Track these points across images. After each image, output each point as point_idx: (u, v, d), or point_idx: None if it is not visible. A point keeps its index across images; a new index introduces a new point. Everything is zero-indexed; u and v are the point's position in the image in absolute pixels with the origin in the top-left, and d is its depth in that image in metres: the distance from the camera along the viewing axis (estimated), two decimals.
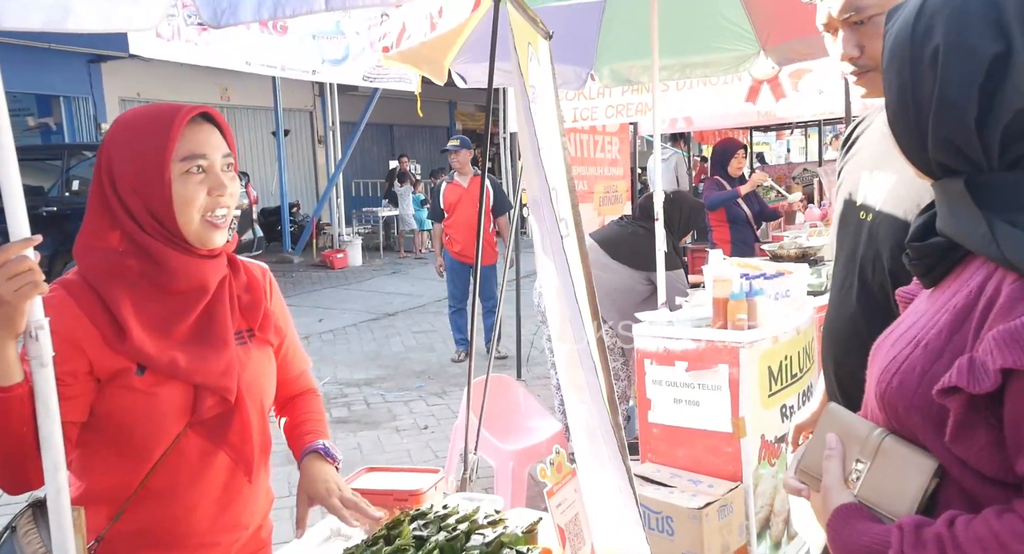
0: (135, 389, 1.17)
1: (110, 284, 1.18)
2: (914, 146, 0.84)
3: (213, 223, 1.22)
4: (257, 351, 1.32)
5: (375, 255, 12.36)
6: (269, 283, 1.41)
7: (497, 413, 3.86)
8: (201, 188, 1.20)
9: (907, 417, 0.81)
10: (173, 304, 1.21)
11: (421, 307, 8.47)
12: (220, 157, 1.23)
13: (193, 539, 1.24)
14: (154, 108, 1.23)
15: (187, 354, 1.20)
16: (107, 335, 1.15)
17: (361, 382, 5.64)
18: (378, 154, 16.45)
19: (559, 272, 1.46)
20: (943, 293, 0.85)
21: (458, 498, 1.61)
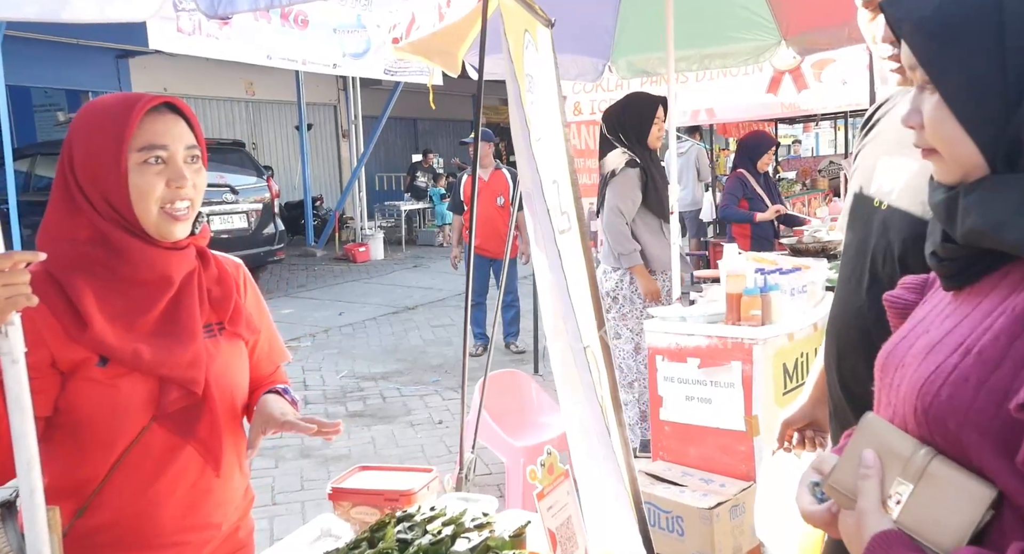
0: (97, 381, 1.15)
1: (72, 274, 1.16)
2: (987, 125, 0.73)
3: (172, 215, 1.20)
4: (227, 344, 1.29)
5: (397, 249, 12.39)
6: (244, 278, 1.39)
7: (509, 409, 3.82)
8: (159, 179, 1.18)
9: (959, 434, 0.72)
10: (137, 296, 1.19)
11: (441, 301, 8.47)
12: (183, 148, 1.20)
13: (160, 538, 1.21)
14: (117, 97, 1.22)
15: (152, 346, 1.17)
16: (68, 326, 1.14)
17: (378, 376, 5.64)
18: (401, 148, 16.48)
19: (551, 267, 1.41)
20: (985, 296, 0.77)
21: (451, 498, 1.57)
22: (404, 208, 13.02)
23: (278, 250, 8.91)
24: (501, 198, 6.08)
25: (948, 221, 0.78)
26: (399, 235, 12.81)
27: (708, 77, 4.84)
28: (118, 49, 11.25)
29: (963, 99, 0.75)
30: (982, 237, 0.75)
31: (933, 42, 0.75)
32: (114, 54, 11.33)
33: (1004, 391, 0.69)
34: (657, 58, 3.92)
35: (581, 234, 1.78)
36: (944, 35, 0.74)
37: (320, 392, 5.22)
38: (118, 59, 11.39)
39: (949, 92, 0.75)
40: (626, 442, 1.62)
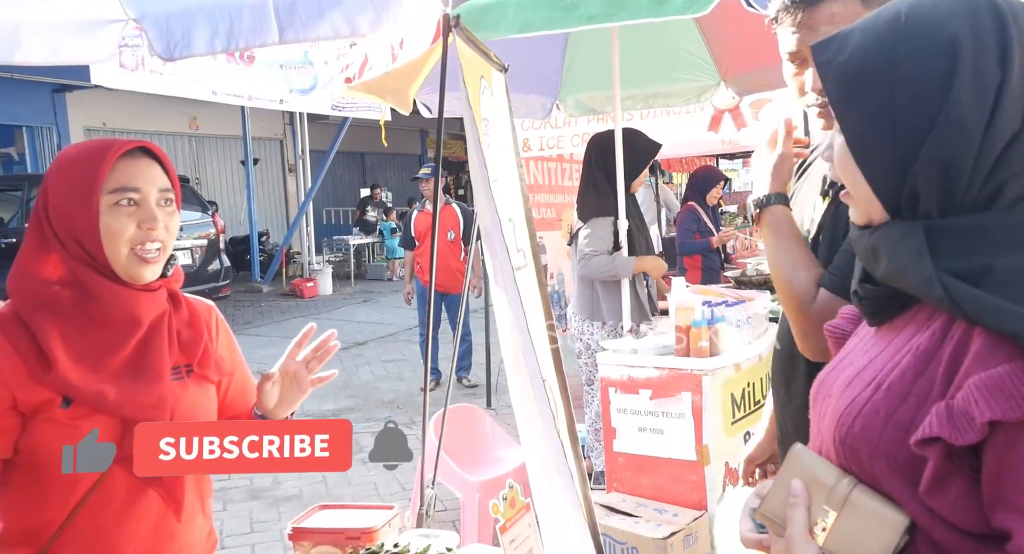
0: (59, 422, 1.14)
1: (39, 315, 1.16)
2: (886, 174, 0.78)
3: (142, 257, 1.20)
4: (195, 387, 1.29)
5: (345, 283, 12.26)
6: (216, 321, 1.40)
7: (464, 443, 3.81)
8: (130, 221, 1.19)
9: (871, 464, 0.77)
10: (106, 336, 1.18)
11: (392, 335, 8.40)
12: (155, 191, 1.22)
13: None
14: (94, 142, 1.23)
15: (117, 387, 1.17)
16: (32, 367, 1.13)
17: (329, 413, 5.55)
18: (349, 182, 16.43)
19: (511, 304, 1.45)
20: (898, 333, 0.82)
21: (413, 535, 1.57)
22: (353, 242, 12.94)
23: (223, 286, 8.74)
24: (451, 233, 6.12)
25: (871, 262, 0.82)
26: (348, 270, 12.69)
27: (652, 115, 5.02)
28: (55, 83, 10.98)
29: (859, 145, 0.79)
30: (894, 279, 0.78)
31: (840, 87, 0.79)
32: (50, 88, 11.05)
33: (908, 425, 0.74)
34: (603, 96, 4.06)
35: (536, 270, 1.83)
36: (850, 85, 0.78)
37: None
38: (55, 93, 11.10)
39: (849, 137, 0.80)
40: (583, 474, 1.66)
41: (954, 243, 0.74)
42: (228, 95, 7.51)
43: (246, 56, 7.31)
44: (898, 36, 0.76)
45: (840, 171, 0.83)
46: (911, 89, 0.75)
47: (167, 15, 1.82)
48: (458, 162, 17.46)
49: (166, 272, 1.27)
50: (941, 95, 0.73)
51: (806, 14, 1.30)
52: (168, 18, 1.82)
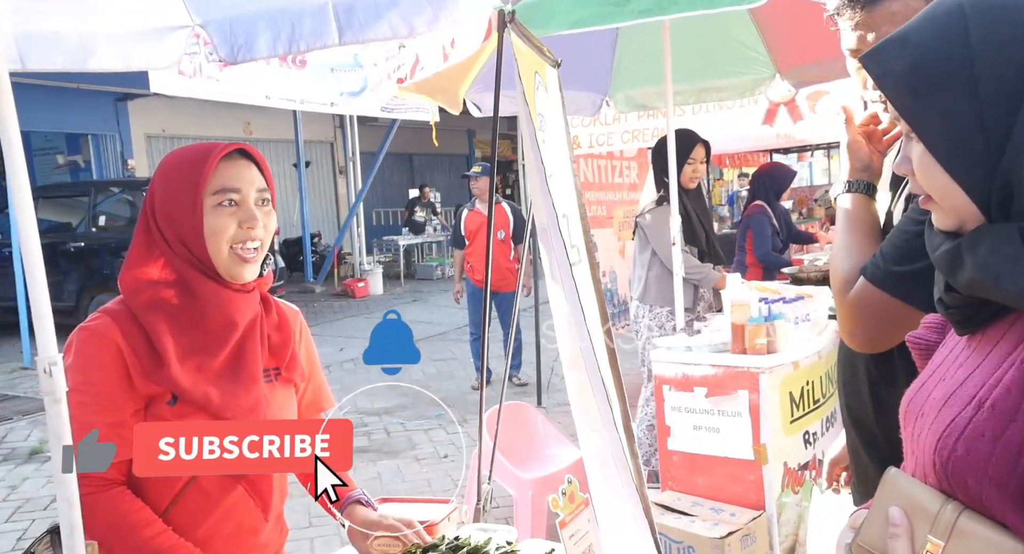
0: (163, 419, 1.19)
1: (151, 314, 1.21)
2: (976, 177, 0.73)
3: (242, 256, 1.25)
4: (282, 390, 1.34)
5: (395, 283, 12.42)
6: (300, 326, 1.45)
7: (516, 441, 3.83)
8: (232, 220, 1.24)
9: (979, 489, 0.71)
10: (207, 338, 1.23)
11: (441, 335, 8.48)
12: (254, 191, 1.26)
13: None
14: (196, 146, 1.28)
15: (219, 389, 1.22)
16: (146, 364, 1.19)
17: (381, 411, 5.64)
18: (398, 183, 16.62)
19: (568, 299, 1.45)
20: (995, 344, 0.76)
21: (472, 529, 1.58)
22: (402, 243, 13.09)
23: (278, 287, 8.95)
24: (501, 232, 6.14)
25: (949, 271, 0.77)
26: (397, 270, 12.85)
27: (704, 110, 4.95)
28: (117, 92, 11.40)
29: (944, 149, 0.75)
30: (981, 288, 0.74)
31: (910, 96, 0.76)
32: (113, 97, 11.48)
33: (1019, 446, 0.69)
34: (654, 92, 4.02)
35: (591, 267, 1.82)
36: (920, 89, 0.75)
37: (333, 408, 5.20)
38: (117, 102, 11.54)
39: (931, 142, 0.76)
40: (639, 471, 1.65)
41: None
42: (281, 99, 7.70)
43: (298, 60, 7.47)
44: (969, 26, 0.73)
45: (925, 181, 0.78)
46: (995, 77, 0.71)
47: (231, 20, 1.87)
48: (506, 161, 17.51)
49: (262, 271, 1.31)
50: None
51: (865, 12, 1.28)
52: (232, 23, 1.87)
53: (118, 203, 8.75)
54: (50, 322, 1.08)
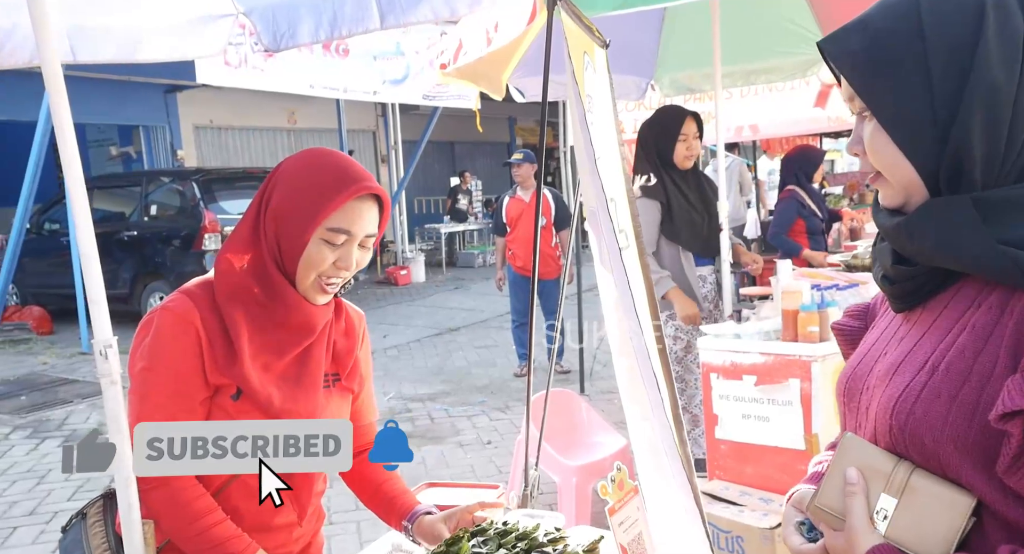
0: (224, 411, 1.21)
1: (232, 304, 1.22)
2: (928, 148, 0.77)
3: (323, 287, 1.25)
4: (338, 397, 1.34)
5: (438, 271, 12.49)
6: (363, 331, 1.44)
7: (560, 428, 3.81)
8: (331, 256, 1.23)
9: (936, 448, 0.75)
10: (279, 338, 1.24)
11: (483, 322, 8.50)
12: (363, 235, 1.25)
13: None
14: (336, 168, 1.23)
15: (281, 391, 1.23)
16: (219, 354, 1.19)
17: (425, 397, 5.68)
18: (439, 171, 16.68)
19: (618, 284, 1.42)
20: (938, 314, 0.80)
21: (519, 515, 1.58)
22: (444, 231, 13.14)
23: None
24: (543, 219, 6.10)
25: (908, 241, 0.80)
26: (440, 257, 12.92)
27: (753, 92, 4.83)
28: (166, 84, 11.66)
29: (896, 123, 0.79)
30: (934, 257, 0.78)
31: (865, 73, 0.80)
32: (163, 89, 11.74)
33: (974, 404, 0.73)
34: (701, 74, 3.93)
35: (639, 252, 1.79)
36: (874, 66, 0.79)
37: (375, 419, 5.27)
38: (166, 94, 11.80)
39: (884, 117, 0.79)
40: (688, 460, 1.62)
41: (1005, 214, 0.74)
42: (324, 88, 7.77)
43: (341, 49, 7.53)
44: (922, 6, 0.77)
45: (875, 157, 0.82)
46: (944, 55, 0.75)
47: (273, 8, 1.88)
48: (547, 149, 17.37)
49: (338, 292, 1.31)
50: (971, 56, 0.74)
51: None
52: (274, 10, 1.88)
53: (168, 193, 8.95)
54: (105, 306, 1.10)
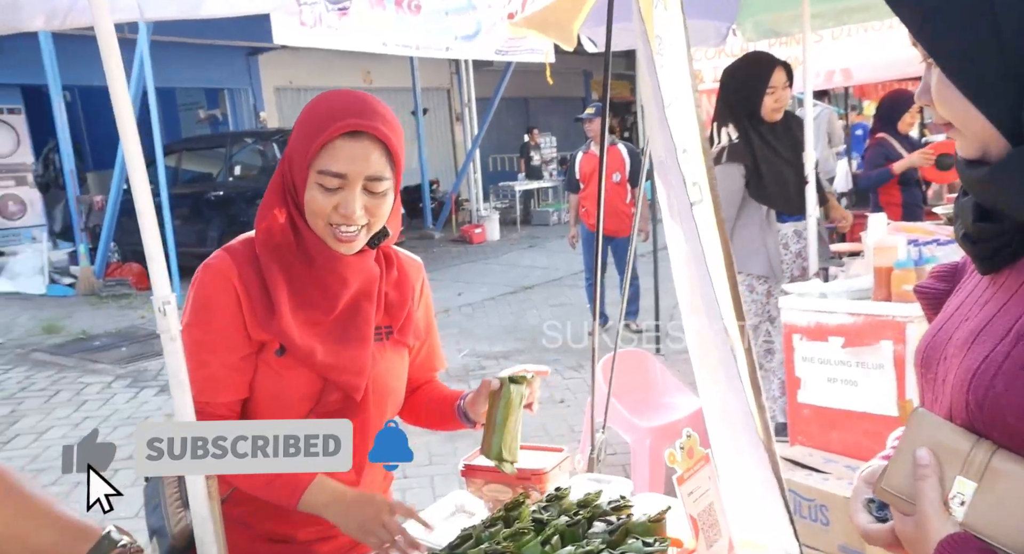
0: (270, 367, 1.20)
1: (272, 260, 1.20)
2: (1001, 95, 0.69)
3: (338, 236, 1.19)
4: (392, 351, 1.30)
5: (512, 229, 12.46)
6: (422, 281, 1.39)
7: (633, 388, 3.75)
8: (329, 202, 1.17)
9: (1020, 426, 0.67)
10: (318, 294, 1.21)
11: (558, 280, 8.44)
12: (362, 178, 1.16)
13: (301, 515, 1.26)
14: (329, 103, 1.18)
15: (325, 346, 1.20)
16: (258, 310, 1.18)
17: (499, 355, 5.70)
18: (513, 128, 16.51)
19: (688, 238, 1.33)
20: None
21: (584, 479, 1.53)
22: (518, 188, 13.06)
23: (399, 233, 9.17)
24: (617, 174, 5.95)
25: (982, 196, 0.75)
26: (514, 215, 12.88)
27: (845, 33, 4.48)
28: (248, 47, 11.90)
29: (962, 71, 0.71)
30: (1021, 212, 0.71)
31: (925, 18, 0.72)
32: (245, 52, 12.00)
33: None
34: (788, 16, 3.66)
35: (714, 206, 1.67)
36: (935, 9, 0.71)
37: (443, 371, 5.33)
38: (248, 56, 12.06)
39: (947, 66, 0.72)
40: (767, 426, 1.52)
41: None
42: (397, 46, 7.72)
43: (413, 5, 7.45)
44: None
45: (943, 108, 0.75)
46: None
47: None
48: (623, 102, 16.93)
49: (374, 243, 1.25)
50: None
51: None
52: None
53: (251, 154, 9.21)
54: (162, 263, 1.09)
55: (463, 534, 1.16)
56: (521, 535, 1.14)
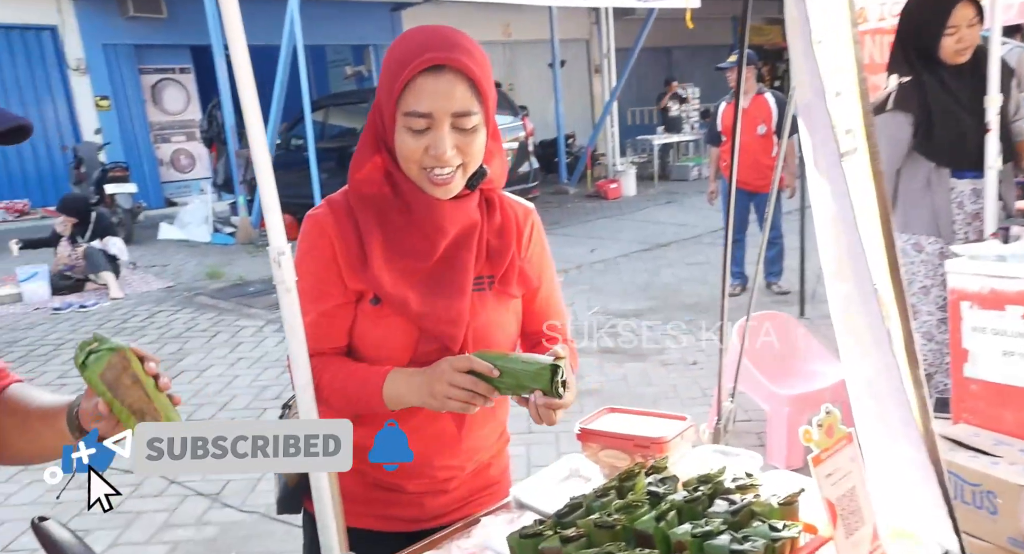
0: (368, 316, 1.20)
1: (366, 210, 1.19)
2: None
3: (432, 180, 1.14)
4: (495, 301, 1.25)
5: (649, 184, 12.10)
6: (532, 226, 1.30)
7: (772, 353, 3.54)
8: (418, 144, 1.12)
9: None
10: (414, 243, 1.19)
11: (696, 238, 8.12)
12: (449, 115, 1.10)
13: (409, 466, 1.26)
14: (408, 41, 1.13)
15: (420, 296, 1.18)
16: (353, 259, 1.18)
17: (630, 313, 5.59)
18: (654, 80, 15.89)
19: (834, 194, 1.17)
20: None
21: (708, 451, 1.43)
22: (656, 142, 12.61)
23: (533, 188, 9.15)
24: (763, 126, 5.55)
25: None
26: (651, 170, 12.48)
27: None
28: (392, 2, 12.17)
29: None
30: None
31: None
32: (388, 8, 12.29)
33: None
34: None
35: (871, 157, 1.48)
36: None
37: (572, 327, 5.27)
38: (392, 12, 12.34)
39: None
40: (924, 404, 1.35)
41: None
42: None
43: None
44: None
45: None
46: None
47: None
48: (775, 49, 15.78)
49: (472, 184, 1.20)
50: None
51: None
52: None
53: None
54: (278, 214, 1.09)
55: (572, 502, 1.11)
56: (634, 508, 1.08)
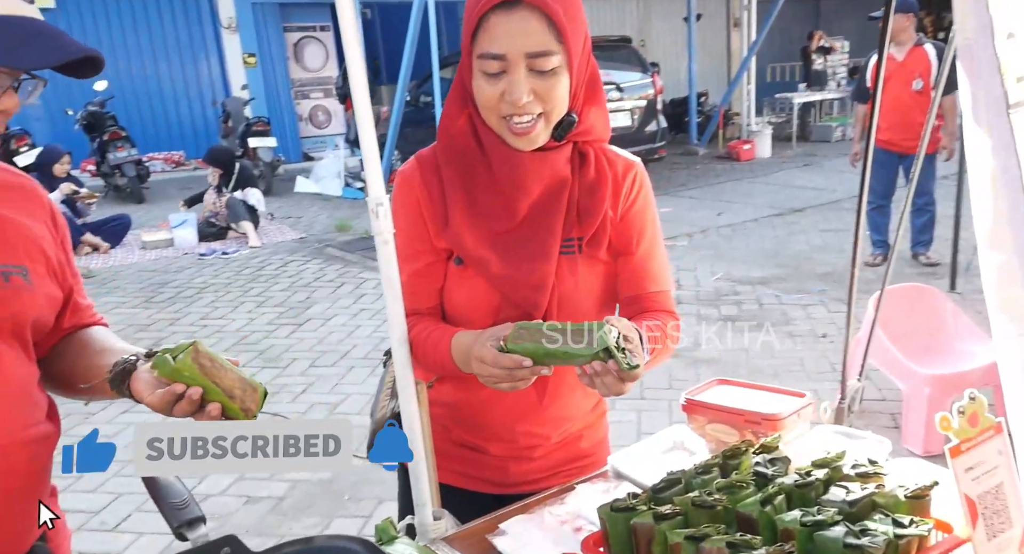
0: (454, 276, 1.17)
1: (451, 167, 1.15)
2: None
3: (512, 129, 1.08)
4: (585, 266, 1.17)
5: (786, 146, 11.39)
6: (633, 182, 1.19)
7: (914, 329, 3.26)
8: (494, 90, 1.05)
9: None
10: (498, 202, 1.13)
11: (834, 203, 7.59)
12: (524, 56, 1.02)
13: (493, 430, 1.24)
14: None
15: (502, 259, 1.13)
16: (437, 216, 1.15)
17: (756, 280, 5.32)
18: (799, 33, 14.81)
19: (996, 149, 1.01)
20: None
21: (827, 432, 1.32)
22: (797, 101, 11.81)
23: (659, 148, 8.84)
24: (919, 81, 5.05)
25: None
26: (789, 131, 11.74)
27: None
28: None
29: None
30: None
31: None
32: None
33: None
34: None
35: None
36: None
37: (693, 293, 5.12)
38: None
39: None
40: None
41: None
42: None
43: None
44: None
45: None
46: None
47: None
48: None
49: (560, 135, 1.12)
50: None
51: None
52: None
53: None
54: (377, 166, 1.08)
55: (670, 477, 1.05)
56: (738, 488, 1.00)
